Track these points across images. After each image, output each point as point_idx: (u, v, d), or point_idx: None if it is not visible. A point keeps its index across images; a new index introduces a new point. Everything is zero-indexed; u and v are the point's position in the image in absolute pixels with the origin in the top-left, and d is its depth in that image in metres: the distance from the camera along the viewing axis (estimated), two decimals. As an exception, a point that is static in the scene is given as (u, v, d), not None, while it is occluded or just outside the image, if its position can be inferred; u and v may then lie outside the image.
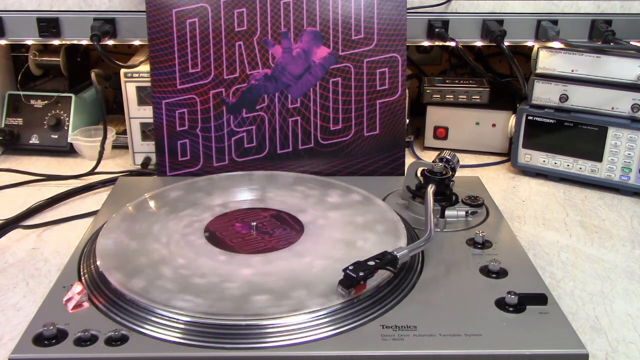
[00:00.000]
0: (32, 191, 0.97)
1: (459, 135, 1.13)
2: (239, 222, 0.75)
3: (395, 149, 0.94)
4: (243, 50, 0.92)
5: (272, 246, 0.70)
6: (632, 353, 0.61)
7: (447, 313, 0.60)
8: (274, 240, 0.71)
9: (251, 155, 0.94)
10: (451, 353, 0.55)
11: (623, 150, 0.94)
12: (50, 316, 0.58)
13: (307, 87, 0.93)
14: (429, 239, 0.67)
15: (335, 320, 0.58)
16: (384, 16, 0.93)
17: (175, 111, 0.92)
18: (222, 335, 0.56)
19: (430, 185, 0.77)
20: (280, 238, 0.72)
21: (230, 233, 0.73)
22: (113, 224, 0.74)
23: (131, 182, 0.92)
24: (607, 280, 0.73)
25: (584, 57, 0.95)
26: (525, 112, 1.01)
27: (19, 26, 1.03)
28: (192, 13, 0.92)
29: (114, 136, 1.10)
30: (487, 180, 0.98)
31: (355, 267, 0.60)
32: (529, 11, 1.04)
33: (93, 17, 1.01)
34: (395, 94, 0.94)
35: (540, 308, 0.60)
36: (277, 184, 0.85)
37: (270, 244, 0.70)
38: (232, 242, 0.71)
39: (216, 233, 0.73)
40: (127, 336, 0.56)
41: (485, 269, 0.67)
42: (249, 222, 0.75)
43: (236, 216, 0.77)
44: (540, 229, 0.85)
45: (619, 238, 0.83)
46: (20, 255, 0.78)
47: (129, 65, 1.00)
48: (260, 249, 0.69)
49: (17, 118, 1.13)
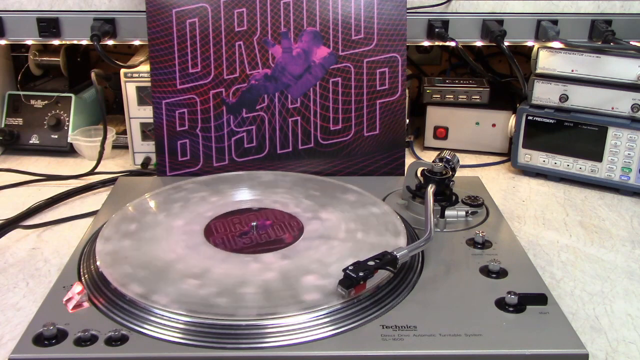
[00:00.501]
0: (32, 191, 0.97)
1: (459, 135, 1.13)
2: (239, 222, 0.75)
3: (395, 149, 0.94)
4: (243, 50, 0.92)
5: (272, 246, 0.70)
6: (632, 353, 0.61)
7: (447, 313, 0.60)
8: (273, 240, 0.71)
9: (251, 155, 0.94)
10: (451, 353, 0.55)
11: (623, 150, 0.94)
12: (50, 316, 0.58)
13: (307, 87, 0.93)
14: (429, 239, 0.67)
15: (335, 320, 0.58)
16: (384, 16, 0.93)
17: (175, 111, 0.92)
18: (222, 335, 0.56)
19: (430, 185, 0.77)
20: (280, 238, 0.72)
21: (230, 233, 0.73)
22: (113, 224, 0.74)
23: (131, 182, 0.92)
24: (607, 280, 0.73)
25: (584, 57, 0.95)
26: (525, 112, 1.01)
27: (19, 26, 1.02)
28: (192, 13, 0.92)
29: (114, 136, 1.10)
30: (487, 180, 0.98)
31: (355, 267, 0.60)
32: (529, 11, 1.04)
33: (93, 17, 1.01)
34: (395, 94, 0.94)
35: (540, 308, 0.60)
36: (277, 184, 0.85)
37: (270, 244, 0.70)
38: (232, 242, 0.71)
39: (216, 233, 0.73)
40: (127, 336, 0.56)
41: (485, 269, 0.67)
42: (249, 222, 0.75)
43: (236, 216, 0.77)
44: (540, 229, 0.85)
45: (619, 238, 0.83)
46: (20, 255, 0.78)
47: (129, 65, 1.00)
48: (260, 249, 0.69)
49: (17, 118, 1.13)
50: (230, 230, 0.74)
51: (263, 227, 0.74)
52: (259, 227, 0.74)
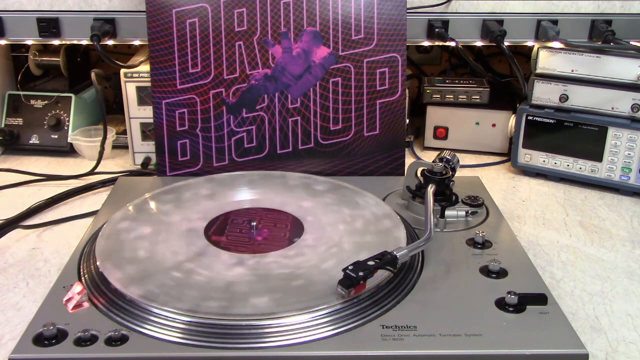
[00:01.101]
0: (32, 191, 0.97)
1: (459, 135, 1.13)
2: (239, 222, 0.75)
3: (395, 149, 0.94)
4: (243, 50, 0.92)
5: (272, 246, 0.70)
6: (632, 353, 0.61)
7: (447, 313, 0.60)
8: (273, 240, 0.71)
9: (251, 155, 0.94)
10: (451, 353, 0.55)
11: (623, 150, 0.94)
12: (50, 316, 0.58)
13: (307, 87, 0.93)
14: (428, 239, 0.67)
15: (335, 320, 0.58)
16: (384, 16, 0.93)
17: (175, 111, 0.92)
18: (222, 335, 0.56)
19: (430, 185, 0.77)
20: (280, 238, 0.72)
21: (230, 233, 0.73)
22: (113, 224, 0.74)
23: (131, 182, 0.92)
24: (607, 280, 0.73)
25: (584, 57, 0.95)
26: (525, 112, 1.01)
27: (19, 26, 1.02)
28: (192, 13, 0.92)
29: (114, 136, 1.10)
30: (487, 180, 0.98)
31: (354, 267, 0.60)
32: (529, 11, 1.04)
33: (93, 17, 1.01)
34: (395, 94, 0.94)
35: (540, 308, 0.60)
36: (276, 184, 0.85)
37: (270, 244, 0.70)
38: (232, 242, 0.71)
39: (216, 233, 0.73)
40: (127, 336, 0.56)
41: (485, 269, 0.67)
42: (249, 222, 0.75)
43: (236, 216, 0.77)
44: (540, 229, 0.85)
45: (619, 238, 0.83)
46: (20, 255, 0.78)
47: (129, 65, 1.00)
48: (260, 249, 0.69)
49: (17, 118, 1.13)
50: (230, 230, 0.74)
51: (263, 227, 0.74)
52: (259, 227, 0.74)
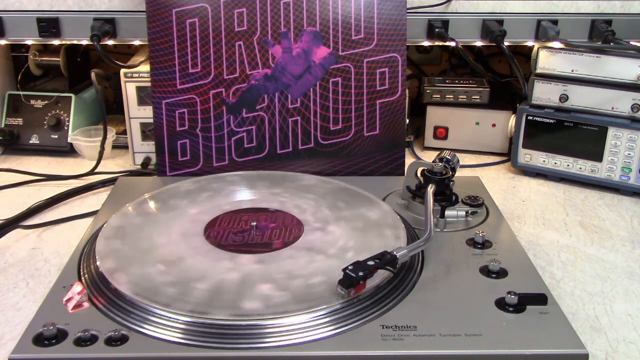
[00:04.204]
0: (32, 191, 0.97)
1: (459, 135, 1.13)
2: (238, 222, 0.75)
3: (395, 149, 0.94)
4: (243, 50, 0.92)
5: (272, 246, 0.70)
6: (632, 353, 0.61)
7: (447, 313, 0.60)
8: (273, 240, 0.71)
9: (251, 155, 0.94)
10: (451, 353, 0.55)
11: (623, 150, 0.94)
12: (50, 316, 0.58)
13: (307, 87, 0.93)
14: (428, 239, 0.67)
15: (335, 320, 0.58)
16: (384, 16, 0.93)
17: (175, 111, 0.92)
18: (222, 335, 0.56)
19: (430, 185, 0.77)
20: (280, 238, 0.72)
21: (230, 233, 0.73)
22: (113, 224, 0.74)
23: (131, 182, 0.92)
24: (607, 280, 0.73)
25: (584, 57, 0.95)
26: (525, 112, 1.01)
27: (19, 26, 1.02)
28: (192, 13, 0.92)
29: (114, 136, 1.10)
30: (487, 180, 0.98)
31: (354, 267, 0.60)
32: (529, 11, 1.04)
33: (93, 17, 1.01)
34: (395, 94, 0.94)
35: (540, 308, 0.60)
36: (276, 184, 0.85)
37: (270, 244, 0.70)
38: (232, 242, 0.71)
39: (216, 233, 0.73)
40: (127, 336, 0.56)
41: (485, 269, 0.67)
42: (249, 221, 0.75)
43: (236, 216, 0.77)
44: (540, 229, 0.85)
45: (619, 238, 0.83)
46: (20, 255, 0.78)
47: (129, 65, 1.00)
48: (260, 249, 0.69)
49: (17, 118, 1.13)
50: (230, 230, 0.74)
51: (263, 226, 0.74)
52: (259, 227, 0.74)
